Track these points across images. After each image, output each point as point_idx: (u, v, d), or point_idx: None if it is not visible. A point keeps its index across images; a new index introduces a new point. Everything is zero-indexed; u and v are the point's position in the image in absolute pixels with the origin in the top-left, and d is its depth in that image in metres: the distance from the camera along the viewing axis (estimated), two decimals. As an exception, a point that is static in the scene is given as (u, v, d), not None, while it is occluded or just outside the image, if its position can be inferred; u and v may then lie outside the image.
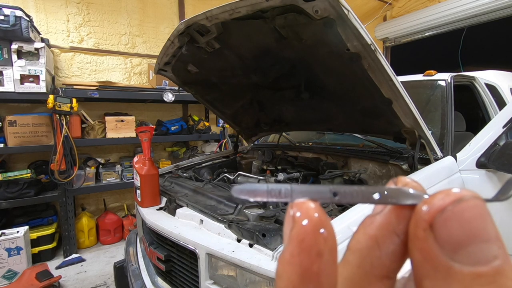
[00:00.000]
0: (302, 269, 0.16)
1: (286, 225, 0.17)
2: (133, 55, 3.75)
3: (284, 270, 0.16)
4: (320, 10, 0.99)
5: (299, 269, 0.16)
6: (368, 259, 0.18)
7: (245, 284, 1.01)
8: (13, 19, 2.50)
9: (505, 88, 2.39)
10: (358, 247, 0.18)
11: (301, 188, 0.18)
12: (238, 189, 0.19)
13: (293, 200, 0.18)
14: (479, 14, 4.40)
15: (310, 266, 0.16)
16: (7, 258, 2.49)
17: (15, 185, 2.72)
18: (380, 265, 0.18)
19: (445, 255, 0.15)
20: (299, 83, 1.63)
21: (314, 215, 0.17)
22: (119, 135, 3.22)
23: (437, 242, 0.15)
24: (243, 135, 2.53)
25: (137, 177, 1.66)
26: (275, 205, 1.37)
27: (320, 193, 0.18)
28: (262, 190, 0.19)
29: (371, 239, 0.18)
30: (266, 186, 0.19)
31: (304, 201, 0.17)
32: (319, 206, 0.17)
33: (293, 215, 0.17)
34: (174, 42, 1.47)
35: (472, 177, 1.49)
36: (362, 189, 0.18)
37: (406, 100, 1.21)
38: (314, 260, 0.16)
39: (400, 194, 0.18)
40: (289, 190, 0.18)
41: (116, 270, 1.92)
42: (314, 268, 0.16)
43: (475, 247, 0.15)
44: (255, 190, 0.19)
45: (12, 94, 2.63)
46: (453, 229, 0.15)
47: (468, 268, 0.15)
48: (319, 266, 0.16)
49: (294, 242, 0.16)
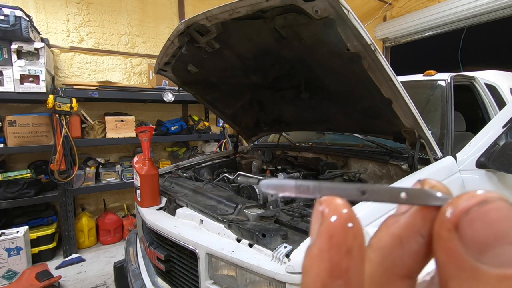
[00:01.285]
0: (332, 265, 0.16)
1: (314, 221, 0.17)
2: (133, 55, 3.75)
3: (312, 265, 0.16)
4: (320, 10, 0.99)
5: (329, 265, 0.16)
6: (390, 258, 0.18)
7: (245, 284, 1.01)
8: (13, 19, 2.50)
9: (505, 88, 2.39)
10: (380, 245, 0.18)
11: (329, 185, 0.19)
12: (265, 183, 0.19)
13: (321, 197, 0.18)
14: (479, 14, 4.40)
15: (340, 262, 0.16)
16: (7, 258, 2.49)
17: (15, 185, 2.72)
18: (402, 264, 0.18)
19: (470, 256, 0.15)
20: (299, 83, 1.63)
21: (343, 211, 0.17)
22: (119, 135, 3.22)
23: (462, 243, 0.15)
24: (243, 135, 2.53)
25: (137, 177, 1.66)
26: (275, 205, 1.37)
27: (347, 190, 0.18)
28: (290, 185, 0.19)
29: (394, 238, 0.18)
30: (294, 182, 0.19)
31: (333, 198, 0.18)
32: (347, 203, 0.17)
33: (322, 211, 0.17)
34: (174, 42, 1.47)
35: (472, 177, 1.49)
36: (389, 189, 0.18)
37: (406, 100, 1.21)
38: (343, 256, 0.16)
39: (426, 195, 0.18)
40: (317, 186, 0.18)
41: (116, 270, 1.92)
42: (344, 264, 0.16)
43: (502, 249, 0.15)
44: (284, 185, 0.19)
45: (12, 94, 2.63)
46: (479, 230, 0.15)
47: (494, 270, 0.15)
48: (348, 263, 0.16)
49: (324, 238, 0.16)
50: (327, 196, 0.18)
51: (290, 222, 1.14)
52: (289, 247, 0.94)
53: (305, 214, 1.17)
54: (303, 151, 2.17)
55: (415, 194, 0.18)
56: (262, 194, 1.50)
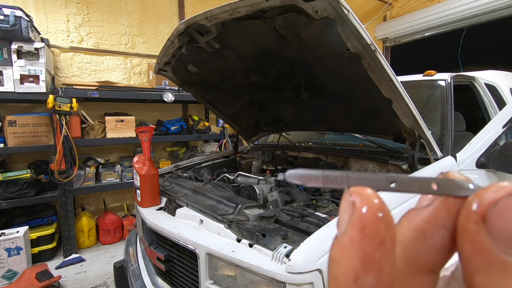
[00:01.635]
0: (364, 255, 0.16)
1: (343, 211, 0.17)
2: (133, 55, 3.75)
3: (342, 255, 0.16)
4: (320, 10, 0.99)
5: (361, 256, 0.16)
6: (413, 251, 0.18)
7: (245, 284, 1.01)
8: (13, 19, 2.50)
9: (505, 88, 2.39)
10: (402, 239, 0.18)
11: (358, 175, 0.18)
12: (292, 173, 0.19)
13: (349, 187, 0.18)
14: (479, 14, 4.40)
15: (373, 253, 0.16)
16: (7, 258, 2.49)
17: (15, 185, 2.72)
18: (425, 258, 0.18)
19: (499, 249, 0.15)
20: (299, 83, 1.63)
21: (374, 201, 0.16)
22: (119, 135, 3.22)
23: (490, 236, 0.15)
24: (243, 135, 2.53)
25: (137, 177, 1.66)
26: (275, 205, 1.37)
27: (376, 180, 0.18)
28: (318, 175, 0.19)
29: (417, 231, 0.18)
30: (321, 172, 0.19)
31: (363, 188, 0.17)
32: (377, 193, 0.17)
33: (353, 201, 0.17)
34: (174, 42, 1.47)
35: (472, 177, 1.48)
36: (419, 179, 0.18)
37: (406, 100, 1.21)
38: (376, 247, 0.16)
39: (457, 185, 0.18)
40: (345, 176, 0.18)
41: (116, 270, 1.92)
42: (376, 255, 0.16)
43: None
44: (311, 176, 0.19)
45: (12, 94, 2.63)
46: (508, 223, 0.15)
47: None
48: (381, 254, 0.16)
49: (356, 228, 0.16)
50: (356, 187, 0.17)
51: (290, 222, 1.14)
52: (289, 247, 0.94)
53: (305, 214, 1.17)
54: (303, 151, 2.17)
55: (446, 185, 0.18)
56: (262, 194, 1.50)
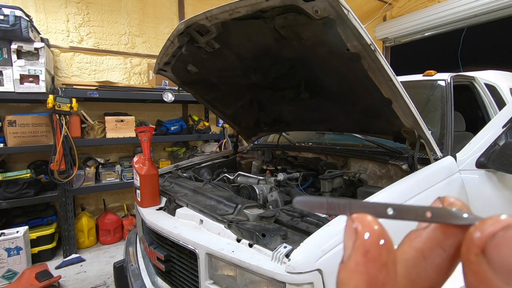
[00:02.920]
0: (369, 277, 0.17)
1: (348, 237, 0.19)
2: (133, 55, 3.75)
3: (349, 278, 0.18)
4: (320, 10, 0.99)
5: (366, 277, 0.17)
6: (414, 270, 0.19)
7: (245, 284, 1.01)
8: (12, 19, 2.50)
9: (505, 88, 2.39)
10: (404, 258, 0.20)
11: (358, 203, 0.20)
12: (298, 200, 0.21)
13: (351, 214, 0.19)
14: (479, 14, 4.40)
15: (377, 275, 0.17)
16: (6, 258, 2.49)
17: (15, 185, 2.72)
18: (425, 277, 0.19)
19: (500, 280, 0.16)
20: (299, 83, 1.63)
21: (374, 228, 0.18)
22: (119, 135, 3.22)
23: (491, 267, 0.16)
24: (243, 135, 2.53)
25: (137, 177, 1.66)
26: (275, 205, 1.37)
27: (376, 208, 0.20)
28: (322, 202, 0.21)
29: (417, 251, 0.19)
30: (326, 199, 0.21)
31: (364, 215, 0.19)
32: (377, 220, 0.19)
33: (356, 228, 0.19)
34: (174, 42, 1.47)
35: (471, 177, 1.49)
36: (415, 208, 0.20)
37: (406, 100, 1.21)
38: (379, 270, 0.17)
39: (448, 214, 0.19)
40: (347, 204, 0.20)
41: (116, 270, 1.92)
42: (381, 277, 0.17)
43: None
44: (316, 203, 0.21)
45: (12, 94, 2.63)
46: (506, 255, 0.16)
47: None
48: (384, 276, 0.17)
49: (359, 252, 0.18)
50: (357, 214, 0.19)
51: (290, 222, 1.14)
52: (289, 247, 0.94)
53: (305, 214, 1.17)
54: (303, 151, 2.17)
55: (440, 213, 0.19)
56: (262, 194, 1.50)
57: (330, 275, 0.89)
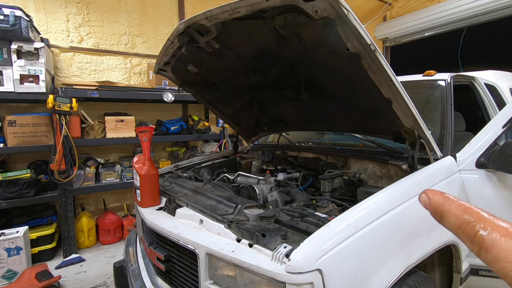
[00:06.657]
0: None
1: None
2: (133, 55, 3.75)
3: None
4: (320, 10, 0.99)
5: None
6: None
7: (245, 284, 1.01)
8: (12, 19, 2.50)
9: (505, 88, 2.39)
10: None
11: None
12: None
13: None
14: (479, 14, 4.40)
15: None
16: (6, 258, 2.49)
17: (15, 185, 2.72)
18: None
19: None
20: (299, 83, 1.63)
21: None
22: (118, 135, 3.22)
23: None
24: (243, 135, 2.53)
25: (137, 177, 1.66)
26: (275, 205, 1.37)
27: None
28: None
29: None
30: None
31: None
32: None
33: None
34: (174, 42, 1.47)
35: (471, 177, 1.49)
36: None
37: (406, 100, 1.21)
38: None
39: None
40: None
41: (116, 270, 1.91)
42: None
43: None
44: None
45: (12, 94, 2.63)
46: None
47: None
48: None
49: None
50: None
51: (290, 222, 1.14)
52: (289, 247, 0.94)
53: (305, 214, 1.17)
54: (303, 151, 2.17)
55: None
56: (262, 194, 1.50)
57: (330, 275, 0.89)
